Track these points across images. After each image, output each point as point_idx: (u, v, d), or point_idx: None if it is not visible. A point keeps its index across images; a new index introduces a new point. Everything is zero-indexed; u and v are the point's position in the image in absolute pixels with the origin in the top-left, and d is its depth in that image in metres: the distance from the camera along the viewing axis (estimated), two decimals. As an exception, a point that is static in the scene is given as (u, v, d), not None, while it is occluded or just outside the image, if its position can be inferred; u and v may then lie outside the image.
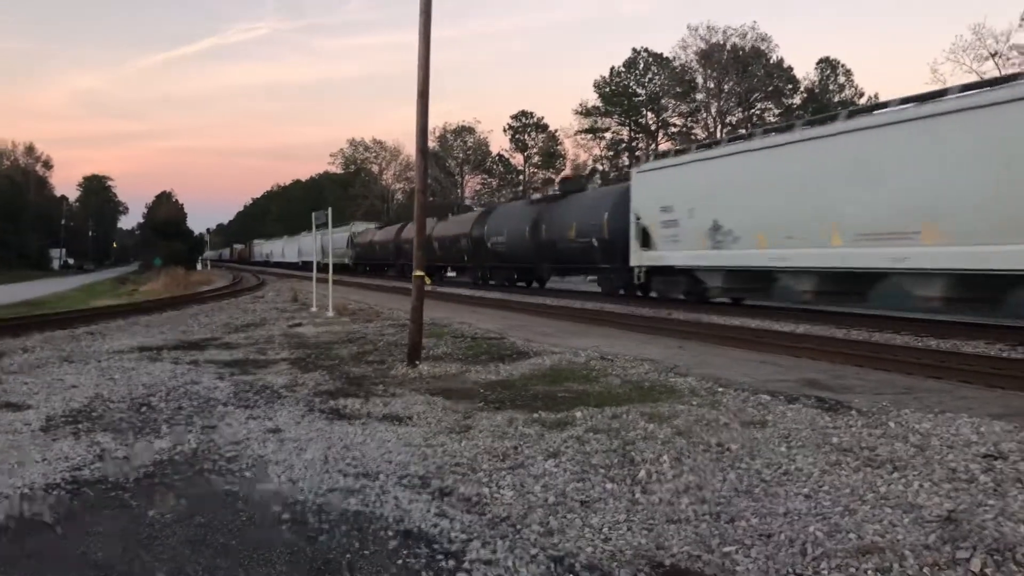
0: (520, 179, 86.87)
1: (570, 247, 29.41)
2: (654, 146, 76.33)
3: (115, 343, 14.39)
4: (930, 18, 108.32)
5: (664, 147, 74.02)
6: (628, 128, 77.69)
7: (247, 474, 5.75)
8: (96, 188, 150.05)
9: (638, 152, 77.13)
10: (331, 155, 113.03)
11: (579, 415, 7.28)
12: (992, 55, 53.51)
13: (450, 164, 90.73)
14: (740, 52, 68.23)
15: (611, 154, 77.99)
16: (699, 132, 72.77)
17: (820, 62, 72.49)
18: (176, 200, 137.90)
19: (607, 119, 77.77)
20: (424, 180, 12.00)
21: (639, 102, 75.83)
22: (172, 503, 5.07)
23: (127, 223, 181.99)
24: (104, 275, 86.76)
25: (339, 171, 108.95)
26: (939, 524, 4.30)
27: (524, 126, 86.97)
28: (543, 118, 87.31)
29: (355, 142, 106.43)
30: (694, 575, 3.91)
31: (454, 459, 6.04)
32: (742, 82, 67.90)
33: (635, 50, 76.55)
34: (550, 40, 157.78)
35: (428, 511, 4.86)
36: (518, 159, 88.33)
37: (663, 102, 74.61)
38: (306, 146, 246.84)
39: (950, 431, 6.27)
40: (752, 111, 71.11)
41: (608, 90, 76.63)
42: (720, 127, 70.93)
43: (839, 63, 72.05)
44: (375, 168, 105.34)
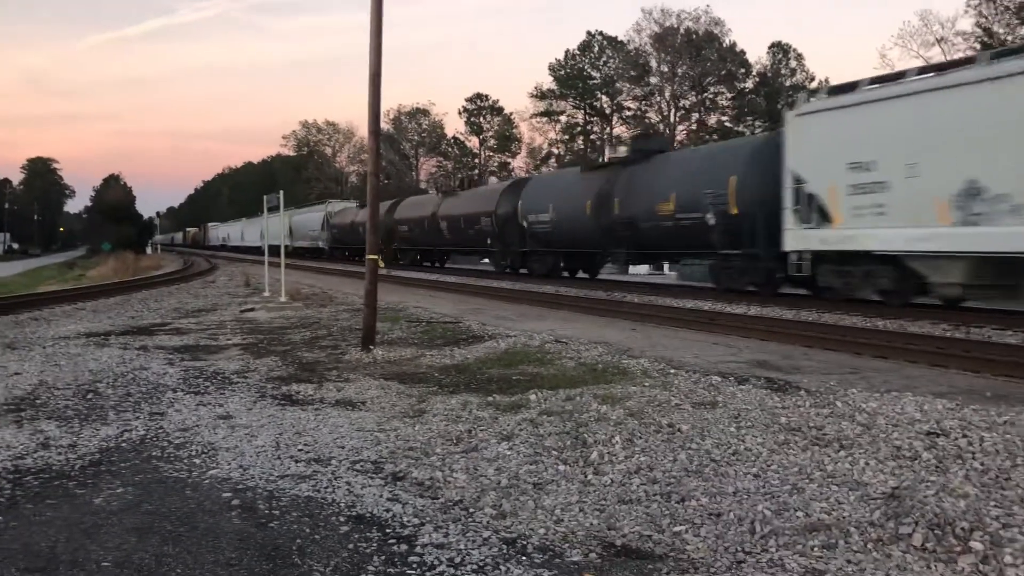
0: (476, 162, 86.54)
1: (662, 226, 21.42)
2: (608, 130, 76.56)
3: (61, 329, 14.08)
4: (879, 4, 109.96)
5: (619, 131, 74.39)
6: (583, 111, 77.70)
7: (196, 461, 5.68)
8: (41, 171, 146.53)
9: (592, 136, 77.35)
10: (283, 137, 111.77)
11: (533, 398, 7.30)
12: (938, 41, 54.42)
13: (405, 147, 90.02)
14: (693, 36, 68.50)
15: (566, 138, 77.97)
16: (653, 116, 73.11)
17: (772, 46, 73.05)
18: (125, 183, 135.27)
19: (562, 102, 77.66)
20: (377, 162, 11.90)
21: (594, 85, 75.82)
22: (119, 491, 4.98)
23: (74, 207, 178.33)
24: (51, 260, 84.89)
25: (292, 153, 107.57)
26: (883, 501, 4.39)
27: (479, 109, 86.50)
28: (498, 101, 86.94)
29: (308, 124, 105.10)
30: (645, 555, 3.95)
31: (407, 443, 6.03)
32: (695, 66, 68.19)
33: (590, 33, 76.52)
34: (505, 22, 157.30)
35: (381, 496, 4.84)
36: (474, 142, 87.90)
37: (617, 86, 74.63)
38: (258, 128, 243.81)
39: (895, 410, 6.40)
40: (705, 95, 71.54)
41: (563, 73, 76.51)
42: (674, 111, 71.32)
43: (791, 47, 72.66)
44: (328, 150, 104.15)
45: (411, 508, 4.62)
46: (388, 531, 4.28)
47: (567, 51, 77.02)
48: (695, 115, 72.13)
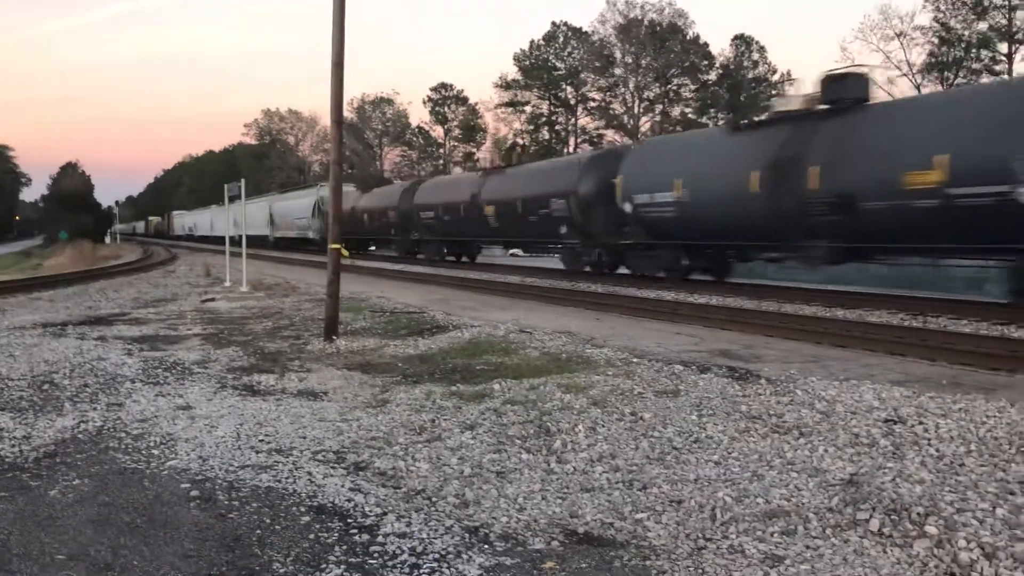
0: (441, 152, 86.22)
1: (916, 207, 13.51)
2: (573, 121, 76.61)
3: (16, 319, 13.80)
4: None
5: (583, 122, 74.47)
6: (548, 102, 77.68)
7: (155, 452, 5.60)
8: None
9: (557, 126, 77.38)
10: (245, 125, 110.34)
11: (497, 387, 7.29)
12: (898, 35, 55.16)
13: (368, 136, 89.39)
14: (657, 28, 68.71)
15: (531, 128, 77.93)
16: (617, 107, 73.25)
17: (735, 39, 73.54)
18: (83, 171, 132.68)
19: (527, 93, 77.57)
20: (339, 151, 11.80)
21: (559, 76, 75.81)
22: (75, 483, 4.90)
23: (30, 195, 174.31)
24: (6, 249, 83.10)
25: (254, 142, 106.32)
26: (842, 487, 4.45)
27: (444, 98, 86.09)
28: (463, 91, 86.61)
29: (270, 112, 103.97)
30: (606, 542, 3.97)
31: (370, 433, 6.00)
32: (659, 57, 68.42)
33: (554, 23, 76.54)
34: (470, 11, 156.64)
35: (342, 486, 4.81)
36: (438, 132, 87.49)
37: (582, 76, 74.70)
38: (220, 117, 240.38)
39: (854, 397, 6.49)
40: (669, 87, 71.86)
41: (528, 63, 76.45)
42: (638, 103, 71.53)
43: (753, 40, 73.24)
44: (291, 139, 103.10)
45: (373, 498, 4.60)
46: (350, 521, 4.25)
47: (532, 41, 77.03)
48: (659, 107, 72.43)
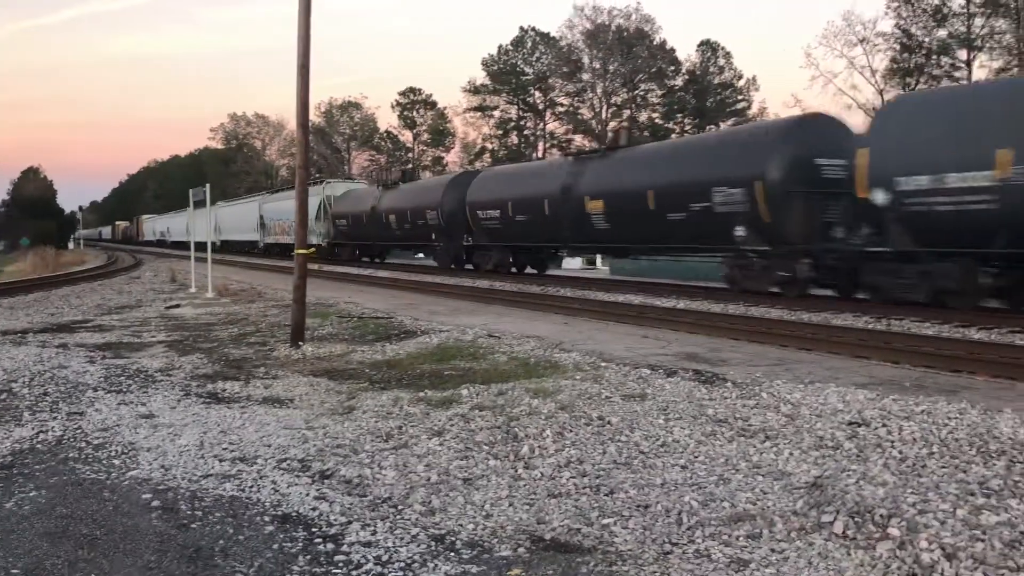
0: (410, 156, 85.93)
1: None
2: (542, 125, 76.76)
3: (-26, 327, 13.54)
4: (805, 4, 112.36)
5: (551, 127, 74.68)
6: (517, 107, 77.78)
7: (116, 461, 5.50)
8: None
9: (526, 131, 77.48)
10: (212, 130, 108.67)
11: (465, 393, 7.26)
12: (860, 41, 55.87)
13: (336, 140, 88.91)
14: (624, 33, 69.08)
15: (500, 133, 77.98)
16: (585, 112, 73.52)
17: (701, 44, 74.15)
18: (44, 176, 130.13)
19: (496, 97, 77.61)
20: (306, 155, 11.71)
21: (527, 81, 75.96)
22: (31, 494, 4.80)
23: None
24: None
25: (220, 146, 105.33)
26: (806, 490, 4.48)
27: (412, 103, 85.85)
28: (432, 95, 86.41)
29: (237, 116, 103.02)
30: (573, 548, 3.95)
31: (336, 441, 5.94)
32: (627, 63, 68.78)
33: (522, 28, 76.58)
34: (438, 15, 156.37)
35: (307, 494, 4.76)
36: (407, 136, 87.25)
37: (550, 81, 74.89)
38: (186, 121, 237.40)
39: (819, 400, 6.54)
40: (636, 92, 72.24)
41: (496, 68, 76.49)
42: (606, 108, 71.84)
43: (719, 46, 73.88)
44: (258, 143, 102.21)
45: (338, 506, 4.55)
46: (314, 530, 4.21)
47: (500, 46, 77.04)
48: (626, 112, 72.76)
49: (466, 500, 4.61)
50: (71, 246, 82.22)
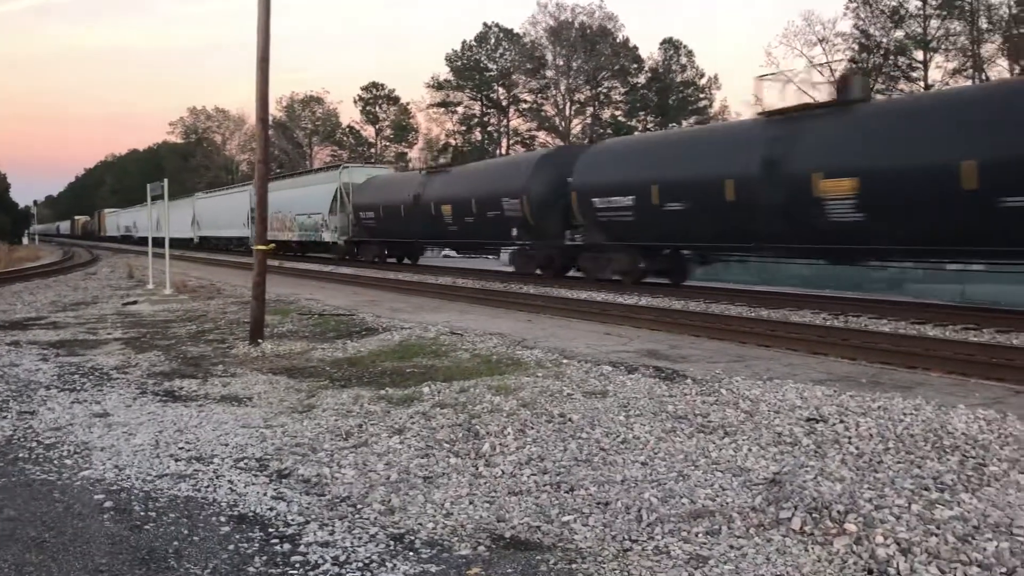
0: (372, 152, 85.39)
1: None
2: (506, 122, 76.69)
3: (-77, 324, 13.21)
4: (766, 3, 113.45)
5: (515, 124, 74.63)
6: (480, 103, 77.68)
7: (68, 461, 5.39)
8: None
9: (490, 128, 77.39)
10: (170, 124, 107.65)
11: (427, 390, 7.22)
12: (820, 41, 56.60)
13: (298, 135, 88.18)
14: (588, 30, 69.32)
15: (464, 129, 77.82)
16: (549, 109, 73.62)
17: (664, 43, 74.59)
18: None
19: (459, 93, 77.45)
20: (265, 150, 11.56)
21: (490, 77, 75.89)
22: (-21, 497, 4.68)
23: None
24: (-86, 251, 79.53)
25: (179, 141, 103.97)
26: (765, 486, 4.51)
27: (375, 98, 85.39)
28: (395, 90, 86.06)
29: (196, 110, 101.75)
30: (533, 546, 3.94)
31: (295, 440, 5.87)
32: (590, 60, 69.04)
33: (486, 24, 76.49)
34: (401, 10, 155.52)
35: (264, 494, 4.69)
36: (369, 131, 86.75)
37: (514, 78, 74.91)
38: (144, 115, 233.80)
39: (777, 397, 6.60)
40: (599, 89, 72.49)
41: (459, 64, 76.32)
42: (569, 105, 72.00)
43: (681, 44, 74.38)
44: (218, 138, 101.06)
45: (296, 506, 4.50)
46: (271, 530, 4.15)
47: (464, 42, 76.87)
48: (590, 109, 73.01)
49: (426, 499, 4.58)
50: (25, 241, 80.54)
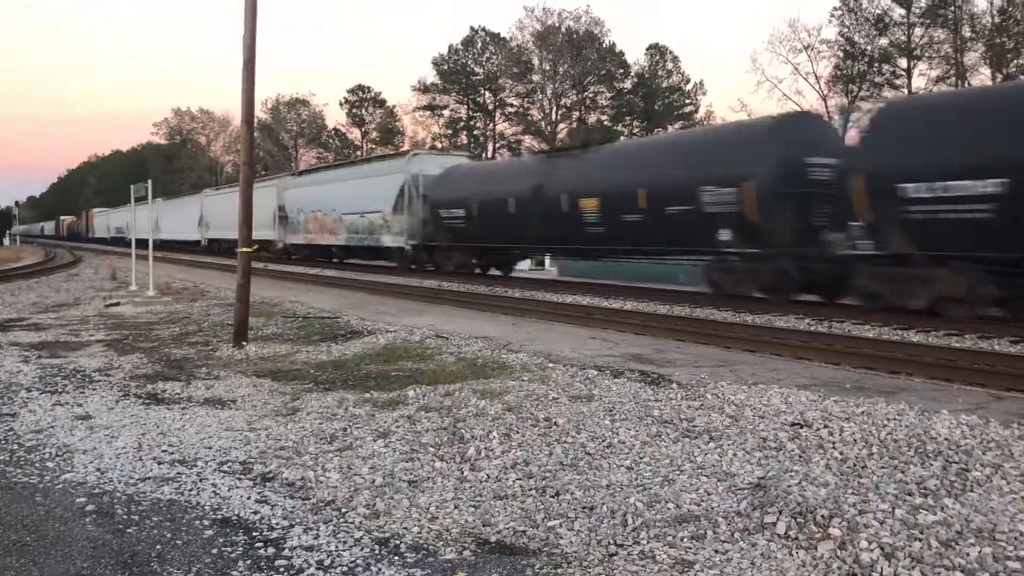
0: (358, 154, 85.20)
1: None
2: (492, 125, 76.68)
3: (-98, 325, 13.06)
4: (752, 10, 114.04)
5: (501, 128, 74.65)
6: (466, 106, 77.66)
7: (49, 464, 5.34)
8: None
9: (476, 131, 77.38)
10: (155, 125, 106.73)
11: (412, 394, 7.19)
12: (805, 47, 56.95)
13: (283, 137, 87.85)
14: (574, 35, 69.44)
15: (450, 132, 77.75)
16: (535, 113, 73.69)
17: (650, 48, 74.81)
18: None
19: (445, 96, 77.41)
20: (250, 152, 11.51)
21: (477, 81, 75.89)
22: (-41, 500, 4.63)
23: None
24: None
25: (163, 142, 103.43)
26: (750, 491, 4.52)
27: (361, 100, 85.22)
28: (381, 93, 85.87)
29: (181, 112, 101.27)
30: (519, 551, 3.93)
31: (279, 443, 5.84)
32: (576, 65, 69.13)
33: (473, 28, 76.48)
34: (388, 13, 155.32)
35: (248, 498, 4.66)
36: (355, 134, 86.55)
37: (500, 82, 74.94)
38: (128, 116, 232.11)
39: (762, 401, 6.62)
40: (586, 94, 72.63)
41: (446, 68, 76.30)
42: (555, 109, 72.09)
43: (668, 49, 74.60)
44: (203, 139, 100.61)
45: (280, 510, 4.47)
46: (255, 534, 4.12)
47: (451, 46, 76.86)
48: (576, 114, 73.11)
49: (411, 502, 4.56)
50: (7, 242, 79.86)
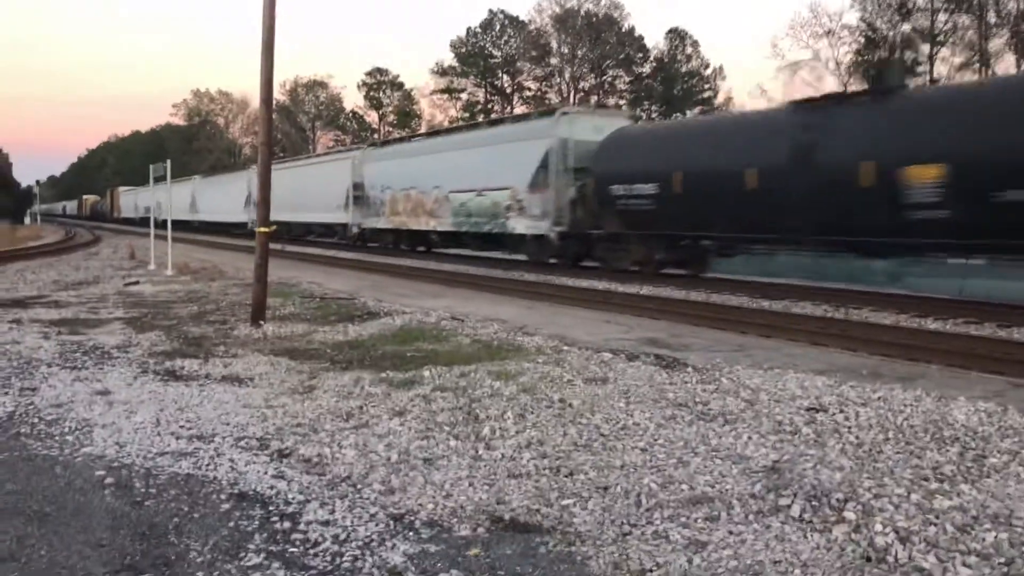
0: (376, 137, 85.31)
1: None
2: (509, 109, 76.54)
3: (-76, 301, 13.22)
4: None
5: (519, 111, 74.45)
6: (484, 89, 77.53)
7: (69, 438, 5.40)
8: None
9: (493, 114, 77.22)
10: (174, 106, 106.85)
11: (427, 374, 7.23)
12: (826, 33, 56.34)
13: (301, 119, 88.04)
14: (593, 19, 69.14)
15: (467, 115, 77.65)
16: (553, 97, 73.42)
17: (669, 32, 74.33)
18: (0, 149, 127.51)
19: (463, 80, 77.29)
20: (269, 133, 11.53)
21: (495, 64, 75.71)
22: (-19, 470, 4.70)
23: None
24: (-84, 228, 79.53)
25: (182, 123, 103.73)
26: (765, 474, 4.52)
27: (379, 83, 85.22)
28: (399, 76, 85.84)
29: (200, 93, 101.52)
30: (532, 528, 3.95)
31: (296, 420, 5.89)
32: (595, 49, 68.88)
33: (491, 11, 76.28)
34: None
35: (265, 473, 4.71)
36: (372, 117, 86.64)
37: (518, 65, 74.76)
38: (147, 96, 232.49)
39: (778, 386, 6.60)
40: (604, 78, 72.31)
41: (464, 51, 76.13)
42: (573, 93, 71.81)
43: (687, 34, 74.11)
44: (221, 120, 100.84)
45: (296, 485, 4.51)
46: (271, 508, 4.16)
47: (469, 29, 76.68)
48: (594, 98, 72.81)
49: (426, 480, 4.59)
50: (28, 221, 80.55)
